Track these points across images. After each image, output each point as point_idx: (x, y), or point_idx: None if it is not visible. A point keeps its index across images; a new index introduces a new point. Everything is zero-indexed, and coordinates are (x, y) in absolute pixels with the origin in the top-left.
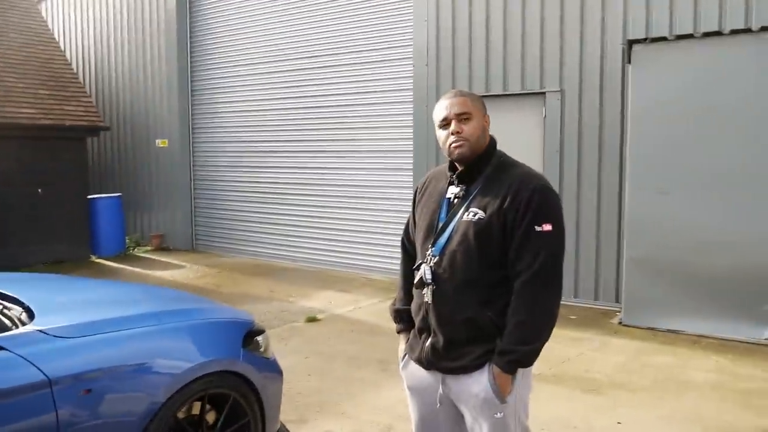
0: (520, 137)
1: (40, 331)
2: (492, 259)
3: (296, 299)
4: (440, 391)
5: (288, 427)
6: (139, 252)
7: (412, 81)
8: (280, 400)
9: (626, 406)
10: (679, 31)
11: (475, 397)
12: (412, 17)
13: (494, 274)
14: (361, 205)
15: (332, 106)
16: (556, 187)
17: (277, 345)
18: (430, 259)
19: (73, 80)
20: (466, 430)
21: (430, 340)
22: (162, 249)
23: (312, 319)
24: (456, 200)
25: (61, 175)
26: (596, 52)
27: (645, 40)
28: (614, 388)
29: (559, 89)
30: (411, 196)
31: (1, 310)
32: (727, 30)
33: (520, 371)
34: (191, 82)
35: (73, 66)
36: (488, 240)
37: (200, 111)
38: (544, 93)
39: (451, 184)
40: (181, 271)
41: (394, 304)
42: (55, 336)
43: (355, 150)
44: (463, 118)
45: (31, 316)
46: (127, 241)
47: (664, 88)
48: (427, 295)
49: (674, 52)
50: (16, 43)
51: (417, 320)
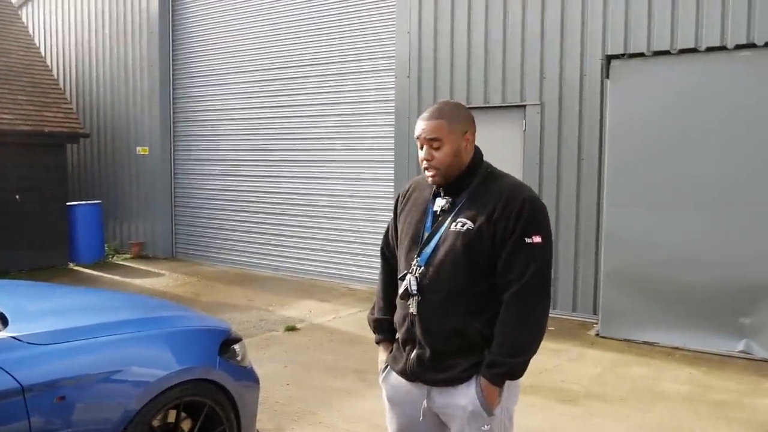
0: (500, 149)
1: (14, 337)
2: (479, 269)
3: (276, 308)
4: (425, 404)
5: None
6: (118, 260)
7: (393, 92)
8: (257, 409)
9: (601, 417)
10: (656, 47)
11: (463, 410)
12: (394, 29)
13: (481, 285)
14: (343, 215)
15: (314, 117)
16: None
17: (255, 354)
18: (416, 270)
19: (54, 86)
20: None
21: (415, 352)
22: (141, 257)
23: (291, 329)
24: (442, 212)
25: (40, 181)
26: (576, 67)
27: (623, 55)
28: (590, 398)
29: (539, 102)
30: (392, 207)
31: None
32: (703, 47)
33: (507, 383)
34: (173, 89)
35: (54, 72)
36: (477, 250)
37: (182, 119)
38: (524, 106)
39: (437, 195)
40: (160, 279)
41: (372, 313)
42: (28, 343)
43: (336, 160)
44: (433, 145)
45: (5, 322)
46: (106, 248)
47: (641, 104)
48: (413, 306)
49: (652, 68)
50: None
51: (401, 331)
